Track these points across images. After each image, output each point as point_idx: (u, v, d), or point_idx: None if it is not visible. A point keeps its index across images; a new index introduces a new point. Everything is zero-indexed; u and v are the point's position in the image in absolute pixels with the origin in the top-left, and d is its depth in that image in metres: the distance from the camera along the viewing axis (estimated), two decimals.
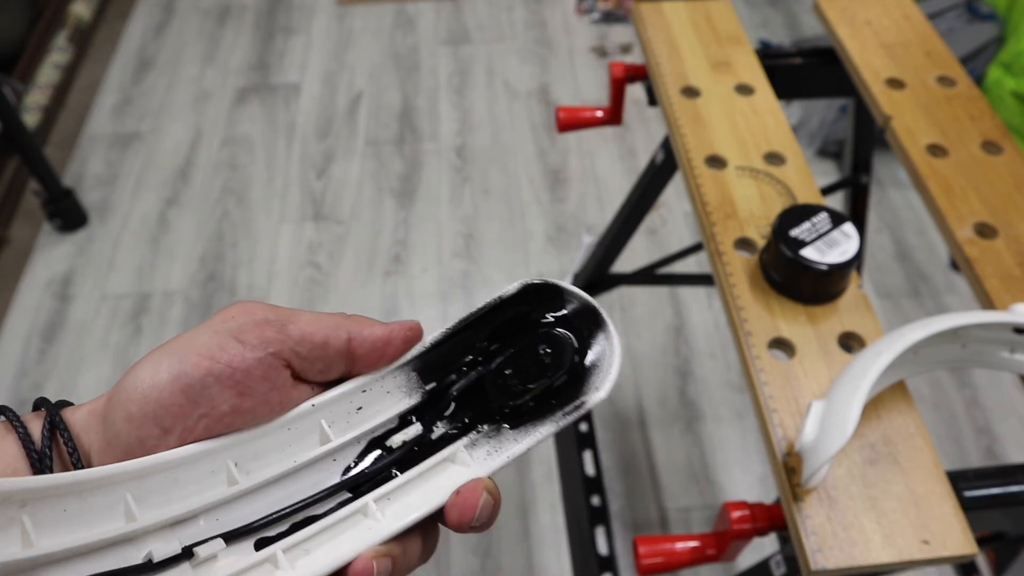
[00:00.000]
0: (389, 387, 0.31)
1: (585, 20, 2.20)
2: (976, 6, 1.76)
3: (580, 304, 0.32)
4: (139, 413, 0.26)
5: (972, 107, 0.69)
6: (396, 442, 0.31)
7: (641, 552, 0.51)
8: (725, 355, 1.47)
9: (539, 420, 0.31)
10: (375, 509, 0.29)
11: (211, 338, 0.28)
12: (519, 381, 0.31)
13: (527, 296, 0.32)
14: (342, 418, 0.31)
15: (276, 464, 0.29)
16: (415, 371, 0.32)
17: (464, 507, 0.29)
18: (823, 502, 0.45)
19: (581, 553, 0.99)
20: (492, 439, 0.31)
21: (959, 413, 1.39)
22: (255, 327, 0.28)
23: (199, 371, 0.27)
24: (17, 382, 1.46)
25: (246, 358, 0.27)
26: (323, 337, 0.29)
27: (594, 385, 0.31)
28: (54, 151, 1.88)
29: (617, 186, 1.76)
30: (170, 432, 0.27)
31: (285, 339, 0.28)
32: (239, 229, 1.71)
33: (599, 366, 0.31)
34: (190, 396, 0.27)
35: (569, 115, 0.81)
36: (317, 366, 0.30)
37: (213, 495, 0.28)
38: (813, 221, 0.55)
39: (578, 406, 0.31)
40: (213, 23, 2.22)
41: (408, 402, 0.32)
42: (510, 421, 0.31)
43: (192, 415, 0.27)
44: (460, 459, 0.31)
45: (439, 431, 0.31)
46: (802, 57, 0.80)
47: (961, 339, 0.50)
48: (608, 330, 0.32)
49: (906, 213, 1.70)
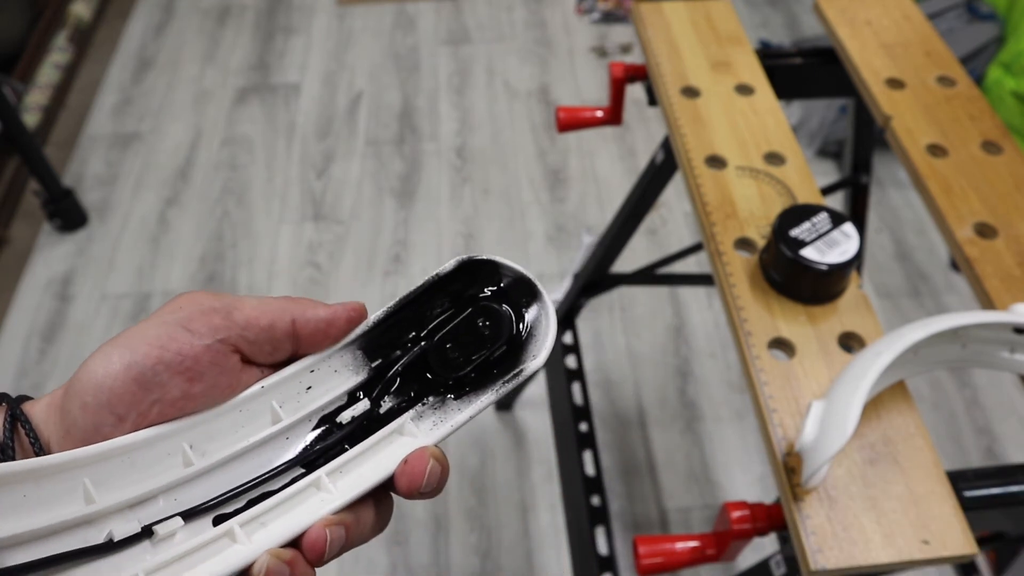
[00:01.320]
0: (336, 366, 0.33)
1: (585, 20, 2.20)
2: (976, 6, 1.76)
3: (515, 277, 0.34)
4: (94, 402, 0.28)
5: (972, 107, 0.69)
6: (346, 418, 0.32)
7: (641, 552, 0.51)
8: (725, 355, 1.47)
9: (481, 389, 0.32)
10: (327, 482, 0.30)
11: (160, 328, 0.29)
12: (461, 354, 0.33)
13: (464, 272, 0.34)
14: (292, 398, 0.32)
15: (230, 445, 0.31)
16: (360, 349, 0.33)
17: (412, 474, 0.30)
18: (823, 502, 0.45)
19: (581, 553, 0.99)
20: (437, 410, 0.32)
21: (959, 413, 1.39)
22: (202, 315, 0.29)
23: (150, 360, 0.28)
24: (17, 382, 1.46)
25: (194, 345, 0.29)
26: (268, 321, 0.30)
27: (531, 353, 0.33)
28: (54, 151, 1.88)
29: (617, 186, 1.76)
30: (124, 419, 0.28)
31: (232, 325, 0.30)
32: (239, 229, 1.71)
33: (536, 335, 0.33)
34: (142, 384, 0.28)
35: (569, 115, 0.81)
36: (265, 348, 0.31)
37: (170, 476, 0.29)
38: (813, 221, 0.55)
39: (517, 374, 0.32)
40: (213, 23, 2.22)
41: (356, 379, 0.33)
42: (454, 392, 0.32)
43: (145, 401, 0.28)
44: (407, 430, 0.32)
45: (386, 405, 0.33)
46: (802, 57, 0.80)
47: (961, 339, 0.50)
48: (543, 300, 0.33)
49: (906, 213, 1.70)
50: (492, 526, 1.27)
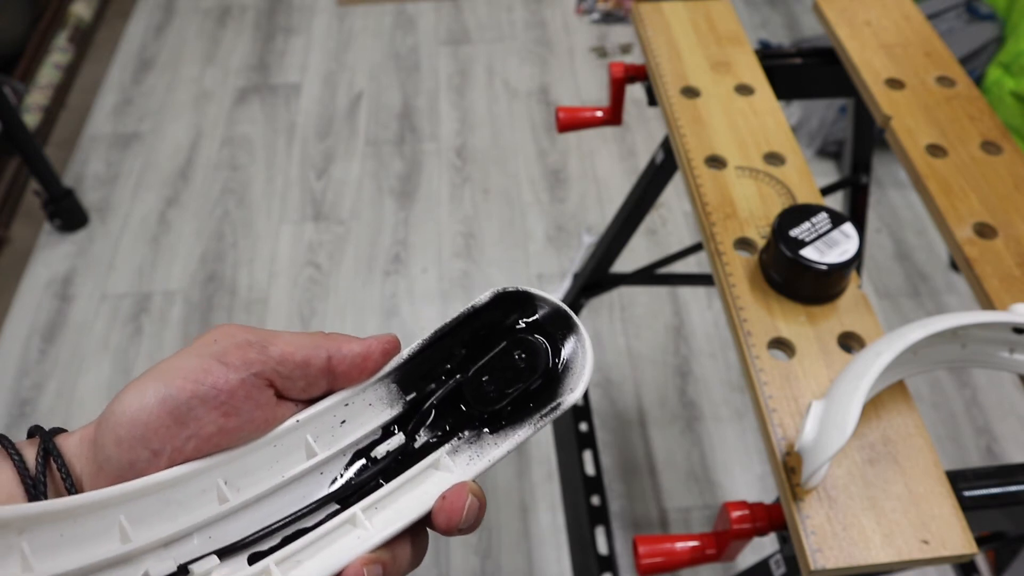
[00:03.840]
0: (371, 399, 0.32)
1: (585, 20, 2.20)
2: (976, 6, 1.76)
3: (551, 309, 0.33)
4: (128, 436, 0.27)
5: (972, 107, 0.69)
6: (380, 452, 0.32)
7: (641, 552, 0.51)
8: (725, 355, 1.47)
9: (517, 423, 0.32)
10: (363, 518, 0.30)
11: (195, 362, 0.28)
12: (496, 387, 0.32)
13: (500, 303, 0.33)
14: (327, 432, 0.31)
15: (265, 480, 0.30)
16: (395, 383, 0.33)
17: (451, 511, 0.30)
18: (823, 502, 0.45)
19: (581, 553, 0.99)
20: (473, 444, 0.32)
21: (959, 413, 1.39)
22: (237, 349, 0.29)
23: (185, 394, 0.28)
24: (18, 382, 1.46)
25: (230, 379, 0.28)
26: (303, 357, 0.30)
27: (569, 386, 0.32)
28: (54, 151, 1.88)
29: (617, 186, 1.76)
30: (160, 454, 0.28)
31: (267, 359, 0.29)
32: (239, 229, 1.71)
33: (572, 368, 0.32)
34: (177, 418, 0.28)
35: (569, 115, 0.81)
36: (299, 384, 0.31)
37: (205, 513, 0.29)
38: (813, 221, 0.55)
39: (554, 407, 0.32)
40: (213, 23, 2.22)
41: (390, 413, 0.33)
42: (490, 426, 0.32)
43: (180, 436, 0.28)
44: (443, 465, 0.31)
45: (422, 440, 0.32)
46: (802, 57, 0.80)
47: (961, 339, 0.50)
48: (580, 332, 0.33)
49: (906, 213, 1.70)
50: (492, 526, 1.27)
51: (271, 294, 1.58)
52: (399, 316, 1.55)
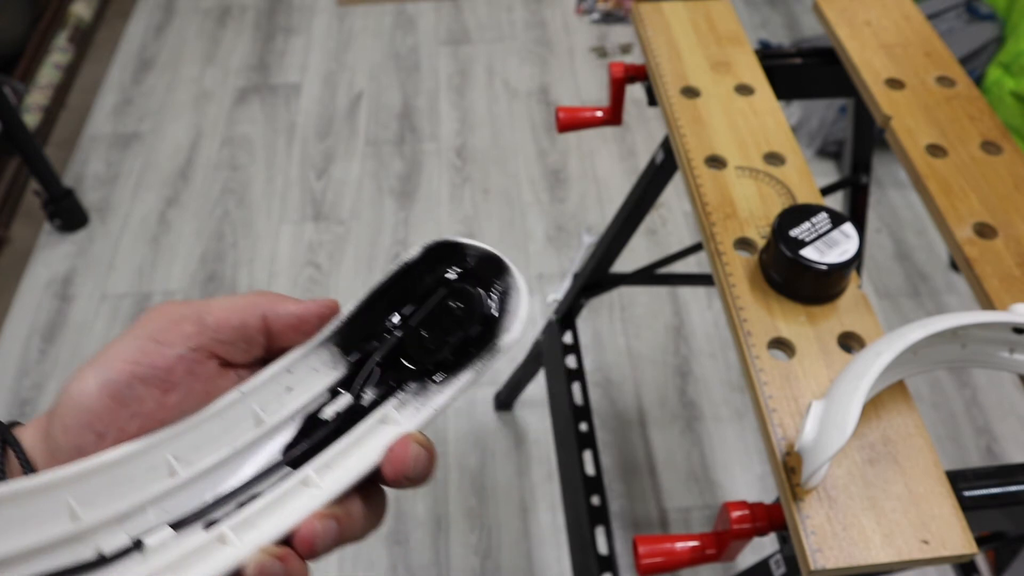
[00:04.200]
0: (315, 364, 0.33)
1: (585, 20, 2.20)
2: (976, 6, 1.76)
3: (481, 255, 0.34)
4: (74, 423, 0.28)
5: (972, 107, 0.69)
6: (329, 414, 0.32)
7: (641, 552, 0.51)
8: (725, 355, 1.47)
9: (460, 370, 0.32)
10: (315, 478, 0.30)
11: (132, 343, 0.30)
12: (437, 338, 0.33)
13: (431, 256, 0.34)
14: (274, 400, 0.32)
15: (215, 452, 0.31)
16: (337, 345, 0.33)
17: (397, 461, 0.30)
18: (823, 502, 0.45)
19: (581, 553, 0.99)
20: (419, 396, 0.32)
21: (959, 413, 1.39)
22: (173, 326, 0.30)
23: (124, 376, 0.29)
24: (18, 382, 1.46)
25: (167, 356, 0.29)
26: (239, 320, 0.31)
27: (505, 328, 0.33)
28: (54, 151, 1.88)
29: (617, 186, 1.76)
30: (104, 436, 0.29)
31: (204, 330, 0.30)
32: (239, 229, 1.71)
33: (508, 309, 0.33)
34: (118, 399, 0.29)
35: (569, 115, 0.81)
36: (240, 347, 0.31)
37: (156, 488, 0.30)
38: (813, 221, 0.55)
39: (492, 350, 0.32)
40: (213, 23, 2.22)
41: (335, 375, 0.33)
42: (434, 376, 0.33)
43: (123, 417, 0.29)
44: (391, 419, 0.32)
45: (369, 397, 0.33)
46: (802, 57, 0.80)
47: (961, 339, 0.50)
48: (512, 274, 0.33)
49: (906, 213, 1.70)
50: (492, 526, 1.27)
51: None
52: None
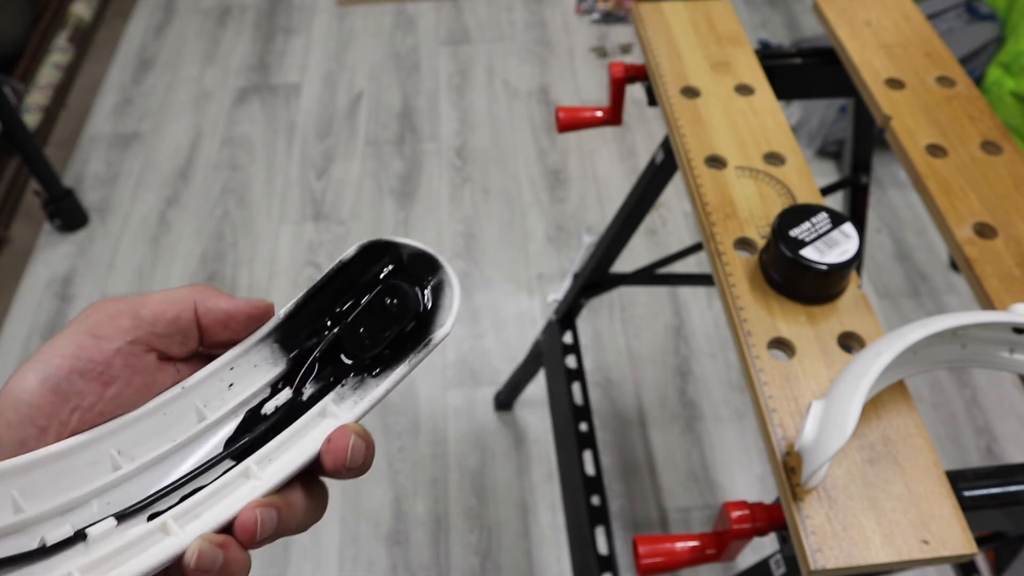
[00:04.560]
0: (255, 361, 0.34)
1: (585, 20, 2.20)
2: (976, 6, 1.76)
3: (415, 252, 0.35)
4: (15, 418, 0.29)
5: (972, 107, 0.69)
6: (270, 409, 0.34)
7: (641, 552, 0.51)
8: (725, 355, 1.47)
9: (395, 363, 0.34)
10: (256, 470, 0.31)
11: (71, 339, 0.30)
12: (373, 334, 0.34)
13: (366, 255, 0.35)
14: (216, 396, 0.33)
15: (158, 446, 0.32)
16: (277, 342, 0.34)
17: (335, 451, 0.31)
18: (823, 502, 0.45)
19: (581, 553, 0.99)
20: (357, 390, 0.33)
21: (959, 413, 1.39)
22: (110, 320, 0.31)
23: (63, 371, 0.29)
24: None
25: (104, 350, 0.30)
26: (175, 313, 0.32)
27: (439, 322, 0.34)
28: (54, 151, 1.88)
29: (617, 186, 1.76)
30: (46, 430, 0.29)
31: (140, 324, 0.31)
32: (239, 229, 1.71)
33: (441, 304, 0.34)
34: (58, 394, 0.29)
35: (569, 115, 0.81)
36: (176, 339, 0.32)
37: (99, 481, 0.30)
38: (813, 221, 0.55)
39: (426, 344, 0.34)
40: (213, 23, 2.22)
41: (275, 371, 0.34)
42: (371, 371, 0.34)
43: (63, 411, 0.29)
44: (330, 412, 0.33)
45: (308, 392, 0.34)
46: (802, 57, 0.80)
47: (961, 339, 0.50)
48: (444, 270, 0.35)
49: (906, 213, 1.70)
50: (492, 526, 1.27)
51: (271, 294, 1.58)
52: None
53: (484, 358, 1.47)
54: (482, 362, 1.47)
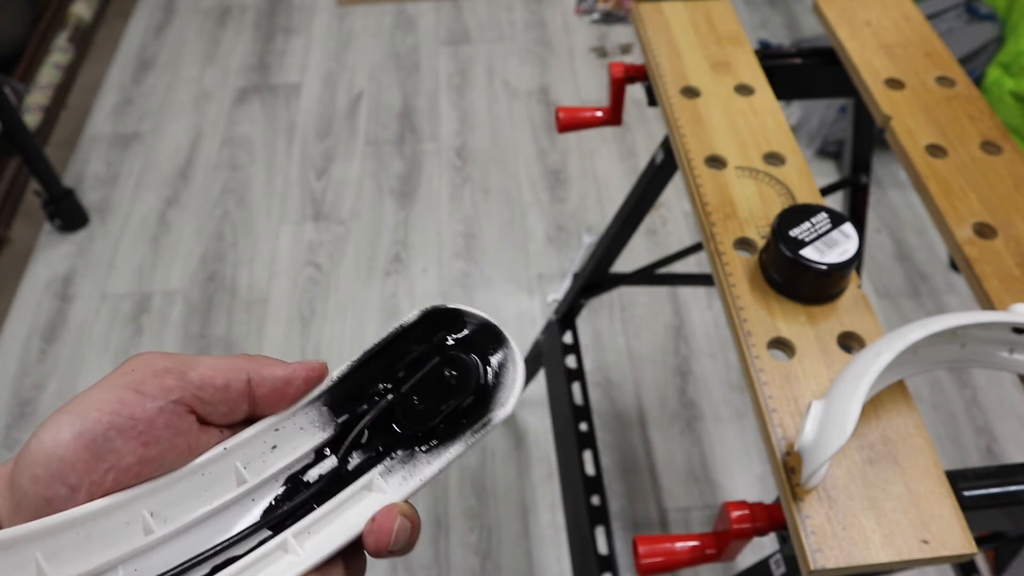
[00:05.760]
0: (302, 423, 0.32)
1: (585, 20, 2.20)
2: (976, 6, 1.76)
3: (480, 324, 0.33)
4: (44, 473, 0.27)
5: (971, 107, 0.69)
6: (313, 476, 0.32)
7: (641, 552, 0.51)
8: (725, 355, 1.47)
9: (450, 441, 0.32)
10: (295, 544, 0.29)
11: (110, 392, 0.28)
12: (428, 405, 0.32)
13: (429, 321, 0.33)
14: (257, 458, 0.31)
15: (193, 509, 0.30)
16: (326, 405, 0.32)
17: (379, 533, 0.29)
18: (823, 502, 0.45)
19: (581, 553, 0.99)
20: (406, 464, 0.32)
21: (959, 413, 1.39)
22: (155, 377, 0.29)
23: (101, 426, 0.27)
24: (18, 382, 1.46)
25: (147, 408, 0.28)
26: (224, 380, 0.30)
27: (500, 401, 0.32)
28: (55, 151, 1.88)
29: (617, 186, 1.76)
30: (77, 489, 0.27)
31: (186, 385, 0.29)
32: (239, 229, 1.71)
33: (503, 382, 0.32)
34: (94, 451, 0.27)
35: (569, 115, 0.81)
36: (221, 409, 0.30)
37: (129, 545, 0.28)
38: (813, 221, 0.55)
39: (485, 423, 0.32)
40: (213, 23, 2.22)
41: (322, 436, 0.32)
42: (422, 445, 0.32)
43: (98, 470, 0.27)
44: (376, 486, 0.31)
45: (355, 461, 0.32)
46: (802, 57, 0.80)
47: (960, 339, 0.50)
48: (509, 346, 0.33)
49: (906, 213, 1.71)
50: (492, 526, 1.27)
51: (271, 294, 1.58)
52: (399, 316, 1.55)
53: None
54: None
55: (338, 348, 1.49)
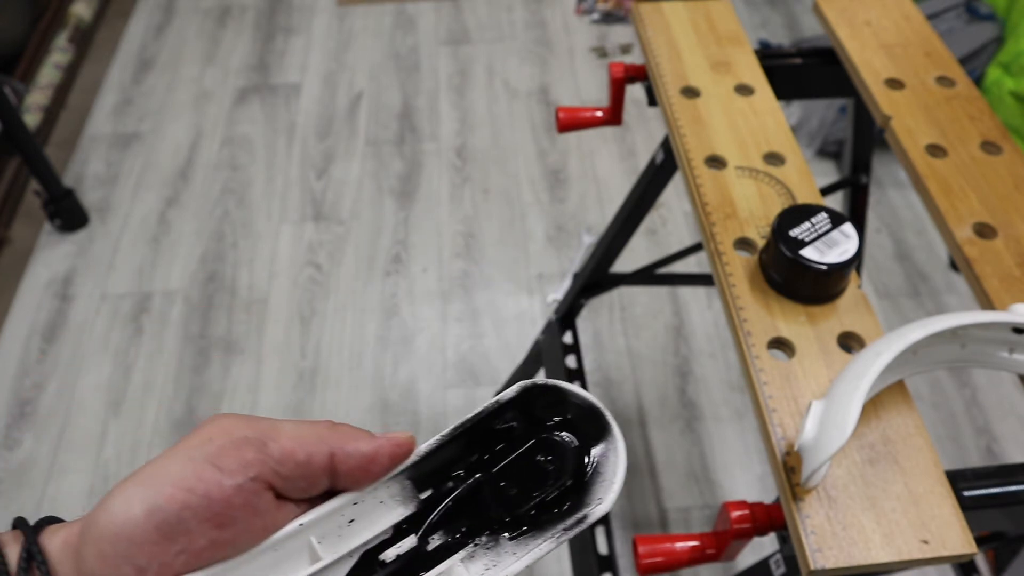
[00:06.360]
0: (382, 497, 0.30)
1: (585, 20, 2.20)
2: (975, 6, 1.76)
3: (584, 406, 0.31)
4: (112, 552, 0.25)
5: (971, 107, 0.69)
6: (390, 555, 0.30)
7: (641, 552, 0.51)
8: (725, 355, 1.47)
9: (539, 532, 0.29)
10: None
11: (186, 466, 0.26)
12: (519, 489, 0.30)
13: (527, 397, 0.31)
14: (333, 532, 0.29)
15: None
16: (409, 479, 0.30)
17: None
18: (822, 502, 0.45)
19: (581, 553, 0.99)
20: (490, 551, 0.29)
21: (959, 413, 1.39)
22: (234, 449, 0.27)
23: (175, 504, 0.25)
24: (18, 382, 1.46)
25: (224, 486, 0.26)
26: (306, 455, 0.28)
27: (597, 495, 0.30)
28: (55, 151, 1.88)
29: (617, 186, 1.76)
30: (146, 571, 0.26)
31: (265, 459, 0.27)
32: (239, 229, 1.71)
33: (602, 473, 0.30)
34: (165, 532, 0.25)
35: (569, 115, 0.81)
36: (299, 484, 0.28)
37: None
38: (813, 221, 0.55)
39: (579, 520, 0.29)
40: (213, 23, 2.22)
41: (403, 512, 0.30)
42: (509, 531, 0.30)
43: (169, 552, 0.26)
44: (456, 574, 0.29)
45: (435, 543, 0.30)
46: (802, 57, 0.80)
47: (960, 339, 0.50)
48: (613, 435, 0.30)
49: (906, 213, 1.71)
50: None
51: (271, 294, 1.58)
52: (399, 316, 1.55)
53: (484, 358, 1.47)
54: (482, 362, 1.47)
55: (338, 348, 1.49)
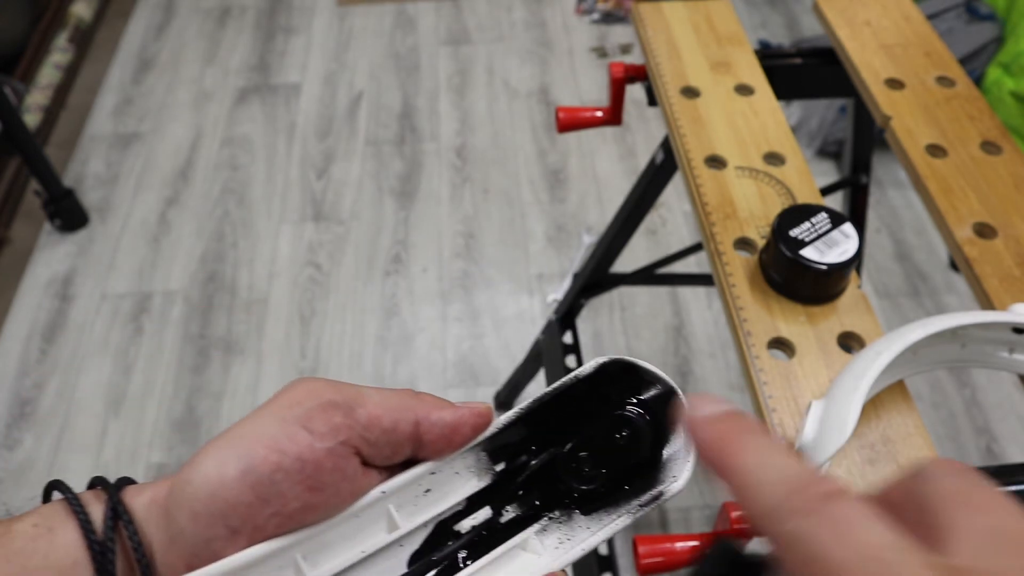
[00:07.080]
0: (458, 468, 0.30)
1: (585, 20, 2.20)
2: (975, 6, 1.76)
3: (660, 385, 0.31)
4: (205, 512, 0.25)
5: (971, 107, 0.69)
6: (465, 527, 0.30)
7: (641, 552, 0.51)
8: (725, 355, 1.47)
9: (612, 507, 0.30)
10: None
11: (278, 427, 0.26)
12: (593, 464, 0.30)
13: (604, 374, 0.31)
14: (410, 502, 0.29)
15: (343, 554, 0.28)
16: (485, 452, 0.30)
17: None
18: None
19: None
20: (563, 525, 0.30)
21: (958, 413, 1.39)
22: (323, 412, 0.27)
23: (268, 466, 0.25)
24: (18, 382, 1.46)
25: (316, 449, 0.26)
26: (392, 421, 0.28)
27: (671, 473, 0.30)
28: (55, 151, 1.88)
29: (617, 186, 1.76)
30: (239, 532, 0.26)
31: (353, 424, 0.27)
32: (239, 229, 1.71)
33: (678, 453, 0.30)
34: (259, 494, 0.25)
35: (569, 115, 0.81)
36: (385, 451, 0.28)
37: None
38: (813, 221, 0.55)
39: (655, 496, 0.30)
40: (213, 23, 2.22)
41: (477, 484, 0.30)
42: (582, 506, 0.30)
43: (262, 514, 0.26)
44: (531, 547, 0.29)
45: (508, 515, 0.30)
46: (802, 57, 0.80)
47: (960, 339, 0.50)
48: None
49: (906, 213, 1.71)
50: None
51: (271, 294, 1.58)
52: (399, 316, 1.55)
53: (484, 358, 1.47)
54: (482, 362, 1.47)
55: (338, 348, 1.49)
